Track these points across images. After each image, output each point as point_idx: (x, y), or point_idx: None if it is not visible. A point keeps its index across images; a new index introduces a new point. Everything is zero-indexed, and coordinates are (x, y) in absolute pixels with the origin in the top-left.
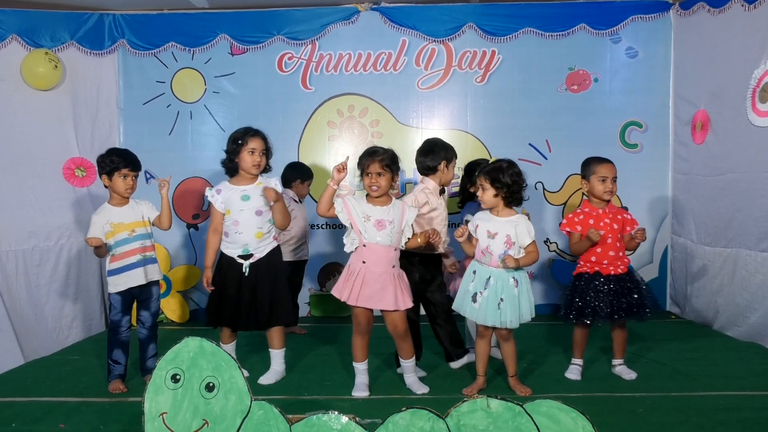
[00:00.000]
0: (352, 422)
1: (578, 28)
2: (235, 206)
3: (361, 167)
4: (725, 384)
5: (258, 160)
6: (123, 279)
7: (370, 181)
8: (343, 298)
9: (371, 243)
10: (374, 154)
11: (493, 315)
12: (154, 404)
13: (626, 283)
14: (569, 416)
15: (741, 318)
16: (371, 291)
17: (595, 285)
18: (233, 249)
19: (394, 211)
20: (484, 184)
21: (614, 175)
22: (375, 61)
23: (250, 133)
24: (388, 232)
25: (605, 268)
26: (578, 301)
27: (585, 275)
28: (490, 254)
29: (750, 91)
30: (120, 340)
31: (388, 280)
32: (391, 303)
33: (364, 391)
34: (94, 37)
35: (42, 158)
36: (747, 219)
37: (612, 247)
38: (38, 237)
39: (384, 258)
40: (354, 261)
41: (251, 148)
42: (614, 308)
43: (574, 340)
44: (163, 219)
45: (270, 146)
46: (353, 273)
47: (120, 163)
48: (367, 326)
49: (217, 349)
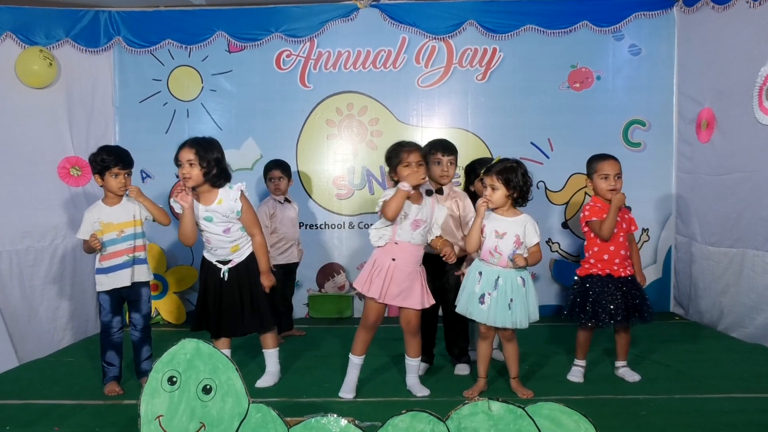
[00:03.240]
0: (351, 425)
1: (580, 25)
2: (201, 224)
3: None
4: (730, 386)
5: (186, 171)
6: (109, 279)
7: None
8: (371, 293)
9: (403, 241)
10: (410, 145)
11: (503, 316)
12: (151, 407)
13: (634, 285)
14: (571, 419)
15: (747, 319)
16: (399, 289)
17: (609, 288)
18: (211, 256)
19: (426, 210)
20: (496, 184)
21: (617, 172)
22: (374, 59)
23: (182, 145)
24: (421, 231)
25: (616, 270)
26: (593, 305)
27: (595, 277)
28: (500, 254)
29: (756, 89)
30: (112, 342)
31: (415, 278)
32: (418, 302)
33: (350, 392)
34: (90, 35)
35: (37, 157)
36: (754, 218)
37: (623, 246)
38: (33, 237)
39: (414, 257)
40: (381, 256)
41: (180, 161)
42: (629, 311)
43: (578, 342)
44: (158, 219)
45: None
46: (381, 269)
47: (110, 161)
48: (376, 323)
49: (214, 350)
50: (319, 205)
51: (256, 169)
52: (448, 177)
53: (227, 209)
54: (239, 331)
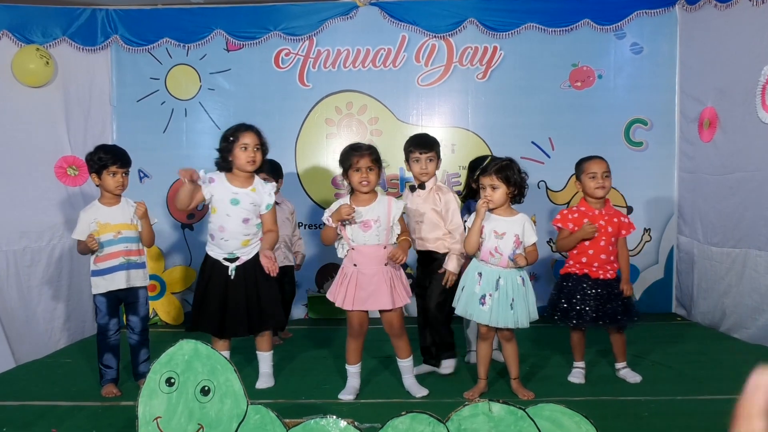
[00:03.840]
0: (350, 426)
1: (582, 23)
2: (221, 207)
3: (346, 164)
4: (732, 387)
5: (252, 155)
6: (104, 281)
7: (361, 177)
8: (338, 302)
9: (359, 245)
10: (360, 149)
11: (505, 316)
12: (148, 408)
13: (614, 289)
14: (573, 420)
15: (749, 320)
16: (365, 293)
17: (583, 287)
18: (218, 252)
19: (379, 208)
20: (496, 183)
21: (604, 170)
22: (374, 58)
23: (242, 129)
24: (375, 231)
25: (594, 271)
26: (564, 303)
27: (573, 276)
28: (500, 254)
29: (759, 88)
30: (109, 344)
31: (381, 279)
32: (387, 302)
33: (351, 394)
34: (87, 33)
35: (33, 157)
36: (757, 218)
37: (604, 250)
38: (30, 237)
39: (374, 258)
40: (346, 264)
41: (244, 143)
42: (599, 313)
43: (572, 344)
44: (144, 238)
45: (265, 141)
46: (346, 276)
47: (108, 160)
48: (361, 329)
49: (213, 351)
50: (318, 205)
51: None
52: (427, 174)
53: (259, 199)
54: (244, 332)
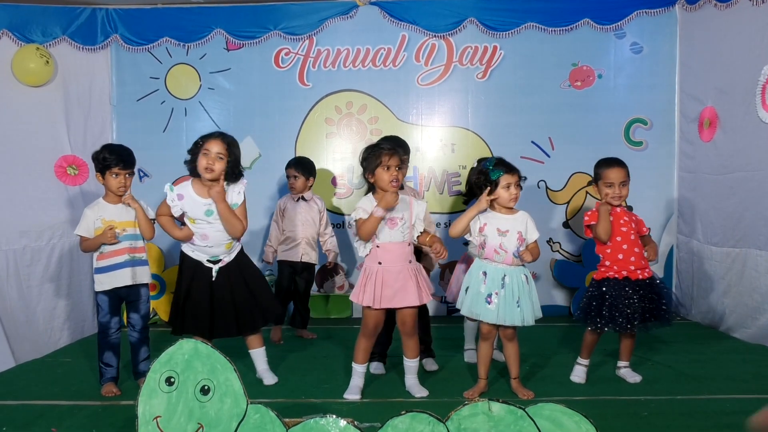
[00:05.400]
0: (350, 426)
1: (582, 23)
2: (199, 218)
3: (375, 162)
4: (732, 387)
5: (210, 163)
6: (108, 278)
7: (391, 176)
8: (365, 303)
9: (384, 243)
10: (393, 148)
11: (511, 314)
12: (148, 408)
13: (654, 288)
14: (572, 420)
15: (749, 320)
16: (392, 291)
17: (627, 292)
18: (200, 255)
19: (403, 206)
20: (511, 181)
21: (622, 180)
22: (374, 57)
23: (210, 136)
24: (400, 228)
25: (633, 271)
26: (609, 308)
27: (612, 280)
28: (505, 252)
29: (759, 88)
30: (110, 343)
31: (407, 276)
32: (414, 299)
33: (356, 394)
34: (87, 32)
35: (33, 156)
36: (757, 218)
37: (636, 244)
38: (29, 236)
39: (399, 255)
40: (369, 264)
41: (206, 149)
42: (646, 315)
43: (585, 342)
44: (142, 228)
45: (235, 151)
46: (371, 276)
47: (111, 161)
48: (375, 330)
49: (213, 351)
50: None
51: (255, 168)
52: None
53: (230, 201)
54: (234, 332)
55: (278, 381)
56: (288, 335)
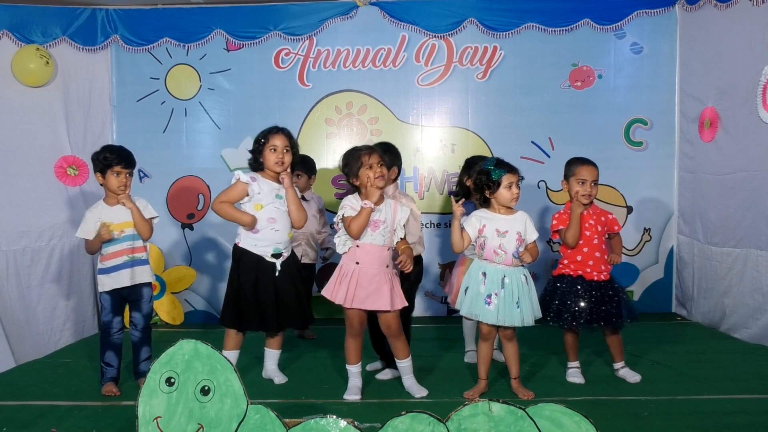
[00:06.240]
0: (350, 426)
1: (582, 23)
2: (268, 201)
3: (356, 165)
4: (732, 387)
5: (281, 157)
6: (110, 279)
7: (375, 172)
8: (337, 300)
9: (364, 243)
10: (365, 148)
11: (511, 315)
12: (148, 408)
13: (607, 290)
14: (572, 420)
15: (750, 320)
16: (366, 292)
17: (577, 290)
18: (264, 247)
19: (386, 210)
20: (513, 180)
21: (594, 179)
22: (374, 57)
23: (272, 131)
24: (381, 231)
25: (589, 273)
26: (558, 304)
27: (567, 277)
28: (504, 252)
29: (760, 88)
30: (112, 342)
31: (382, 280)
32: (387, 303)
33: (356, 394)
34: (87, 33)
35: (33, 157)
36: (757, 218)
37: (598, 248)
38: (30, 237)
39: (378, 258)
40: (346, 262)
41: (273, 145)
42: (593, 315)
43: (566, 345)
44: (139, 229)
45: (296, 143)
46: (346, 274)
47: (113, 160)
48: (360, 328)
49: (213, 351)
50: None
51: None
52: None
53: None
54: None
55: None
56: (288, 335)
